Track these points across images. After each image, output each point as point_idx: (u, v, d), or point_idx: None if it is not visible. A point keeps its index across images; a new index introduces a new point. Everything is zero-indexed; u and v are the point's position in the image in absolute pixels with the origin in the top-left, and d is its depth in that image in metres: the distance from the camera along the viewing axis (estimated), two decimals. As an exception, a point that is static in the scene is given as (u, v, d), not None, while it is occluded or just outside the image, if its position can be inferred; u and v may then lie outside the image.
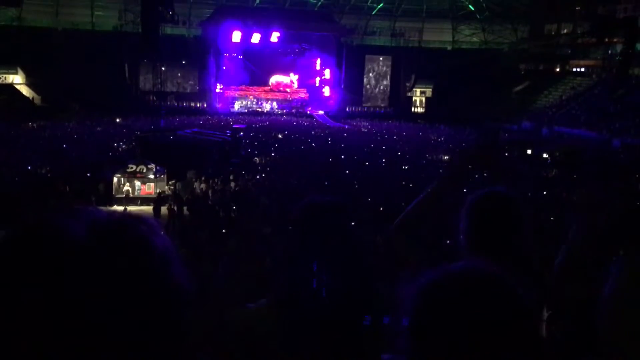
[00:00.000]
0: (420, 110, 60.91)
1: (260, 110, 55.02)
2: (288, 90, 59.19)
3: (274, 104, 56.86)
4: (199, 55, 53.06)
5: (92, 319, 0.67)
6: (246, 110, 54.49)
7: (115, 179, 20.42)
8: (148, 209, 18.04)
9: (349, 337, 1.71)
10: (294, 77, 59.47)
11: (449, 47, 64.63)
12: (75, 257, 0.69)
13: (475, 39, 64.65)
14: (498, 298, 1.03)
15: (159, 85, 41.71)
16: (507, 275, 1.08)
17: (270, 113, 54.41)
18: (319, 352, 1.68)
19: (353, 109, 58.07)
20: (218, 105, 53.57)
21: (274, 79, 58.96)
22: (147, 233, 0.77)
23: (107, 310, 0.68)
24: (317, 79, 59.32)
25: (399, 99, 60.87)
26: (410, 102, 61.47)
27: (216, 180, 21.18)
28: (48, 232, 0.72)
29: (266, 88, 58.20)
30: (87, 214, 0.76)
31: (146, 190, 20.47)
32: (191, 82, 56.83)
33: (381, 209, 16.59)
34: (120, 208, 18.19)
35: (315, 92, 58.91)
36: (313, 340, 1.68)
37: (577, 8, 53.35)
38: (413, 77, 60.75)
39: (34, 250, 0.69)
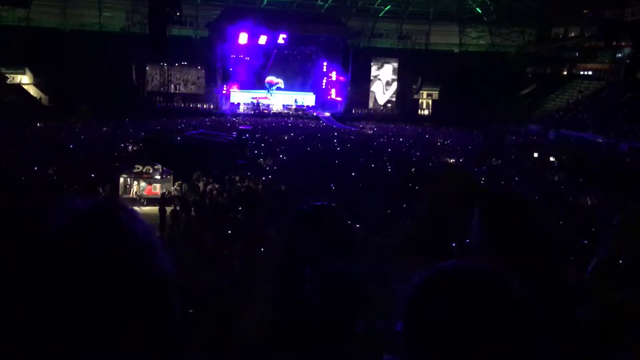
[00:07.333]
0: (426, 112, 60.83)
1: (266, 111, 55.03)
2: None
3: (280, 105, 56.89)
4: (205, 56, 53.10)
5: (72, 309, 0.65)
6: (252, 112, 54.54)
7: (121, 180, 20.49)
8: (154, 209, 18.01)
9: (341, 342, 1.70)
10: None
11: (456, 50, 64.52)
12: (53, 246, 0.68)
13: (482, 42, 64.46)
14: (492, 294, 1.02)
15: (166, 87, 41.85)
16: (502, 272, 1.07)
17: (276, 114, 54.41)
18: (311, 355, 1.68)
19: (359, 111, 58.05)
20: (224, 107, 53.66)
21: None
22: (128, 219, 0.77)
23: (89, 298, 0.67)
24: (324, 81, 59.31)
25: (406, 101, 60.78)
26: (416, 105, 61.34)
27: (222, 181, 21.20)
28: (24, 221, 0.70)
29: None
30: (66, 203, 0.75)
31: (152, 191, 20.51)
32: (198, 83, 56.91)
33: (388, 211, 16.59)
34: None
35: (321, 94, 58.93)
36: (305, 344, 1.68)
37: (584, 11, 53.17)
38: (420, 79, 60.64)
39: (9, 240, 0.68)
